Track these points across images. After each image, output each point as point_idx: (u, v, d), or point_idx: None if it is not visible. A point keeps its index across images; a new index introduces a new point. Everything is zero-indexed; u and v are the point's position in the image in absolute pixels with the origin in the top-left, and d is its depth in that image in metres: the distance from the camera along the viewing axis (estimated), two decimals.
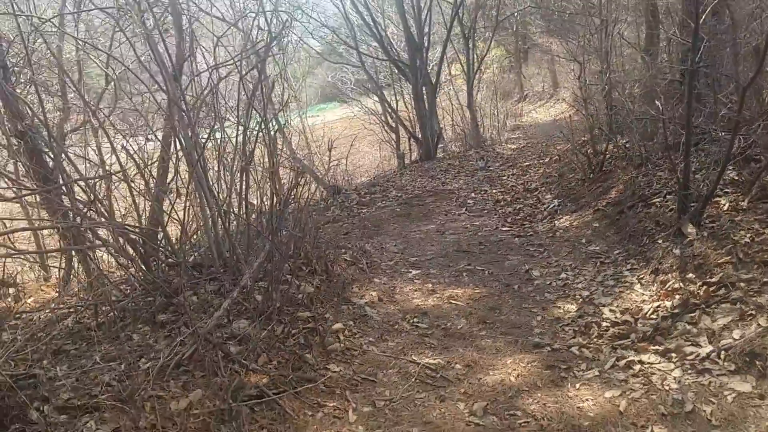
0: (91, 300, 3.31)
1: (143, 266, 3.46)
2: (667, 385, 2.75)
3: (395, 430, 2.52)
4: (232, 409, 2.19)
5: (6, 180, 3.87)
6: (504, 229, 5.68)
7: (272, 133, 3.78)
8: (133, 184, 3.73)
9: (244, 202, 4.07)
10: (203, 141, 3.85)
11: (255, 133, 3.93)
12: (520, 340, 3.35)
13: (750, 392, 2.59)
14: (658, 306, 3.46)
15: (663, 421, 2.50)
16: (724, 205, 4.25)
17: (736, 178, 4.60)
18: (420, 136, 11.05)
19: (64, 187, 3.57)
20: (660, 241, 4.16)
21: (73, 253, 5.15)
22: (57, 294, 4.53)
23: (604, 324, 3.42)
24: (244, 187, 3.99)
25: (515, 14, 16.14)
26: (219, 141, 4.02)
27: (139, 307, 3.40)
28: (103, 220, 3.91)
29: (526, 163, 8.85)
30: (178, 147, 3.92)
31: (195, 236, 4.17)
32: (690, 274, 3.65)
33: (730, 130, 4.16)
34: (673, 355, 2.99)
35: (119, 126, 4.66)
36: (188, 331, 2.68)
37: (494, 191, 7.28)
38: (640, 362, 2.98)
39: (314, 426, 2.46)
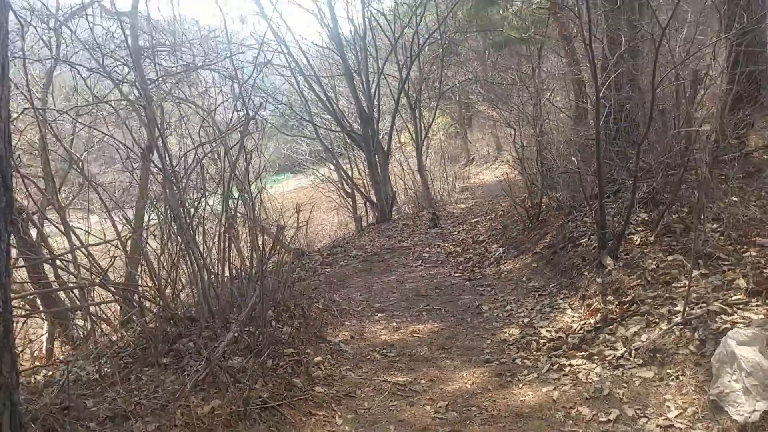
0: (101, 350, 3.81)
1: (144, 319, 4.02)
2: (590, 378, 3.51)
3: (375, 428, 3.15)
4: (246, 411, 2.77)
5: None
6: (456, 275, 6.49)
7: (252, 199, 4.48)
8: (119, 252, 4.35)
9: (227, 262, 4.72)
10: (191, 209, 4.53)
11: (236, 200, 4.65)
12: (473, 359, 4.06)
13: (652, 377, 3.38)
14: (584, 323, 4.27)
15: (586, 403, 3.24)
16: (636, 240, 5.21)
17: (647, 218, 5.60)
18: (375, 200, 11.97)
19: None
20: (585, 273, 5.05)
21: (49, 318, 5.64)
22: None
23: (542, 341, 4.19)
24: (225, 248, 4.65)
25: (457, 85, 17.79)
26: (203, 208, 4.71)
27: (141, 355, 3.92)
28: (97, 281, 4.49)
29: (474, 220, 9.81)
30: (168, 214, 4.57)
31: (183, 293, 4.74)
32: (609, 297, 4.51)
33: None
34: (596, 357, 3.77)
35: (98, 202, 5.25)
36: (196, 363, 3.26)
37: (446, 245, 8.13)
38: (570, 365, 3.75)
39: (309, 427, 3.06)
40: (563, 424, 3.05)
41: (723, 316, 3.59)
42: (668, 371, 3.36)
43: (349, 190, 12.48)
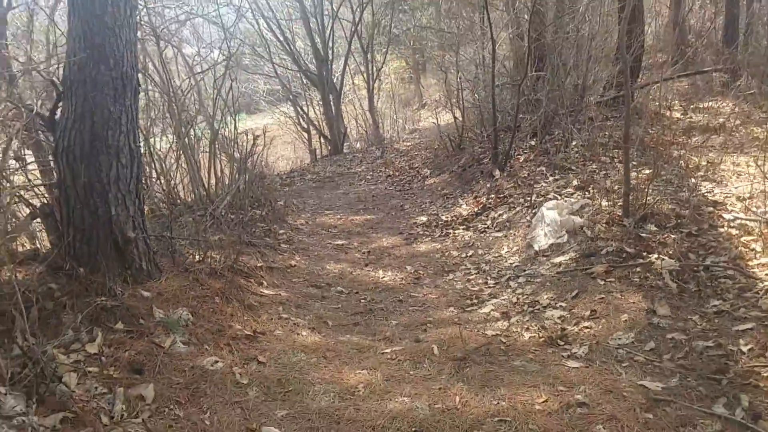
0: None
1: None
2: (464, 238, 5.59)
3: (321, 262, 5.13)
4: (249, 242, 4.67)
5: None
6: (390, 189, 8.48)
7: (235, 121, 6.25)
8: None
9: (212, 167, 6.50)
10: (188, 124, 6.25)
11: (219, 123, 6.40)
12: (391, 233, 6.09)
13: (500, 236, 5.46)
14: (470, 211, 6.34)
15: (456, 249, 5.32)
16: (521, 158, 7.27)
17: (533, 144, 7.67)
18: (329, 135, 13.73)
19: None
20: (480, 181, 7.11)
21: None
22: None
23: (440, 222, 6.25)
24: (213, 155, 6.42)
25: (410, 29, 19.31)
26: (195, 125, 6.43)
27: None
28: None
29: (416, 153, 11.76)
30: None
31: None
32: (492, 195, 6.57)
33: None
34: (471, 228, 5.85)
35: None
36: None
37: (387, 170, 10.07)
38: (453, 233, 5.82)
39: (279, 260, 5.00)
40: (439, 257, 5.12)
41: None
42: (511, 232, 5.46)
43: (305, 126, 14.17)
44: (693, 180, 5.45)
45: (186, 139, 6.06)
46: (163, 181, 6.03)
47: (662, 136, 6.93)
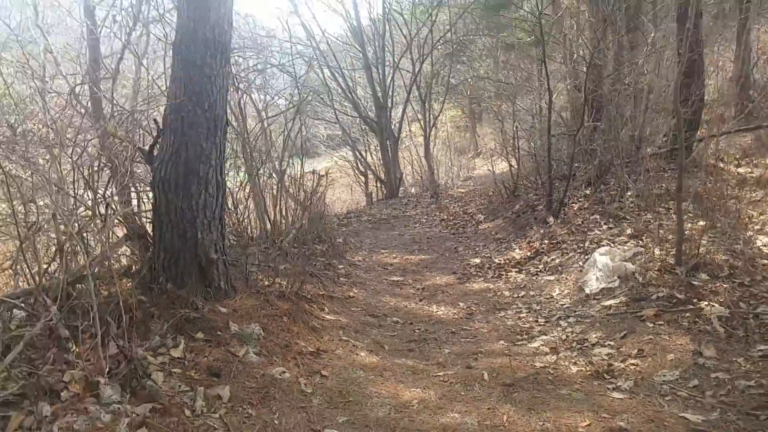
0: None
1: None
2: (515, 280, 5.79)
3: (378, 296, 5.43)
4: (311, 273, 5.04)
5: None
6: (444, 232, 8.76)
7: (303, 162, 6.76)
8: None
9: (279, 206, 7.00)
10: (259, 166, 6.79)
11: (287, 165, 6.92)
12: (445, 272, 6.34)
13: (552, 279, 5.62)
14: (523, 255, 6.53)
15: (508, 290, 5.52)
16: (575, 207, 7.45)
17: (588, 192, 7.84)
18: (385, 179, 14.24)
19: None
20: (534, 227, 7.30)
21: None
22: None
23: (493, 264, 6.46)
24: (280, 195, 6.93)
25: (468, 80, 19.92)
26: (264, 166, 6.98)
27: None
28: None
29: (470, 200, 12.05)
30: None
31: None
32: (545, 240, 6.75)
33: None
34: (523, 271, 6.04)
35: None
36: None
37: (442, 215, 10.38)
38: (506, 275, 6.01)
39: (338, 291, 5.34)
40: (491, 296, 5.33)
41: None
42: (563, 276, 5.62)
43: (363, 170, 14.75)
44: (749, 233, 5.50)
45: (256, 178, 6.60)
46: (233, 215, 6.55)
47: (719, 189, 6.99)
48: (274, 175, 6.94)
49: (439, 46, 15.23)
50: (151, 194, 3.98)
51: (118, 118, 4.40)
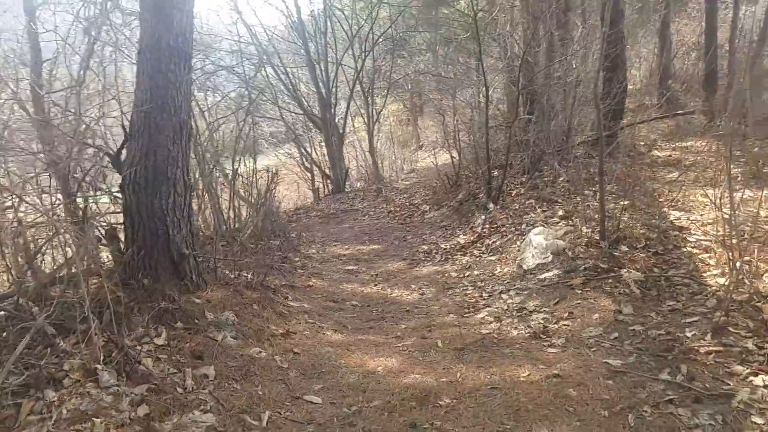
0: None
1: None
2: (461, 262, 6.32)
3: (336, 284, 5.84)
4: (270, 266, 5.39)
5: None
6: (392, 222, 9.25)
7: (255, 160, 7.06)
8: None
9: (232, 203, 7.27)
10: (210, 164, 7.05)
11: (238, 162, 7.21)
12: (396, 259, 6.82)
13: (494, 260, 6.19)
14: (467, 240, 7.09)
15: (455, 271, 6.04)
16: (513, 193, 8.08)
17: (524, 180, 8.49)
18: (331, 174, 14.59)
19: None
20: (476, 214, 7.88)
21: None
22: None
23: (440, 249, 6.99)
24: (232, 194, 7.20)
25: (408, 75, 20.48)
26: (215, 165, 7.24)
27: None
28: None
29: (415, 191, 12.59)
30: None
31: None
32: (486, 225, 7.33)
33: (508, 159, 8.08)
34: (468, 254, 6.59)
35: None
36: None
37: (388, 207, 10.86)
38: (452, 258, 6.55)
39: (298, 281, 5.71)
40: (440, 278, 5.84)
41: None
42: (503, 256, 6.20)
43: (308, 166, 15.05)
44: (664, 209, 6.25)
45: (209, 177, 6.85)
46: None
47: (639, 171, 7.78)
48: (225, 174, 7.21)
49: (381, 42, 15.67)
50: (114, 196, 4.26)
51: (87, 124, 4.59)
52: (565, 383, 3.10)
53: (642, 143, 10.20)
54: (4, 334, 3.23)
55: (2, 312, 3.52)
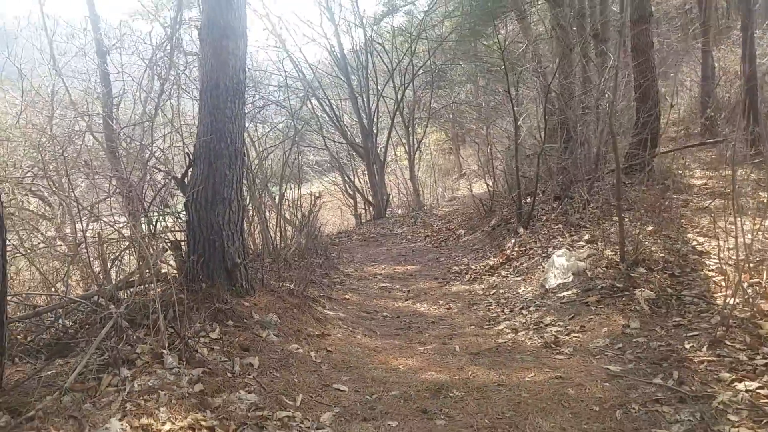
0: None
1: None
2: (489, 282, 6.72)
3: (370, 298, 6.33)
4: (311, 280, 5.95)
5: None
6: (428, 246, 9.71)
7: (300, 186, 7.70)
8: None
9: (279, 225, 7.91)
10: (259, 190, 7.71)
11: (285, 188, 7.87)
12: (428, 279, 7.27)
13: (520, 280, 6.57)
14: (497, 262, 7.48)
15: (482, 290, 6.44)
16: (543, 218, 8.44)
17: (554, 206, 8.85)
18: (373, 201, 15.21)
19: None
20: (507, 238, 8.27)
21: None
22: None
23: (470, 270, 7.40)
24: (280, 216, 7.85)
25: (450, 105, 21.10)
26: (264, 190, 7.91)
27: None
28: None
29: (452, 217, 13.04)
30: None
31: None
32: (516, 248, 7.71)
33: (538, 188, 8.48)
34: (496, 274, 6.98)
35: None
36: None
37: (426, 232, 11.34)
38: (482, 278, 6.95)
39: (335, 295, 6.23)
40: (467, 295, 6.26)
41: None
42: (528, 276, 6.57)
43: (351, 192, 15.73)
44: (689, 234, 6.52)
45: (258, 200, 7.52)
46: None
47: (670, 198, 8.03)
48: (273, 198, 7.88)
49: (420, 74, 16.35)
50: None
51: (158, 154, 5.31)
52: (565, 383, 3.48)
53: (679, 171, 10.39)
54: (88, 325, 3.88)
55: (87, 308, 4.19)
